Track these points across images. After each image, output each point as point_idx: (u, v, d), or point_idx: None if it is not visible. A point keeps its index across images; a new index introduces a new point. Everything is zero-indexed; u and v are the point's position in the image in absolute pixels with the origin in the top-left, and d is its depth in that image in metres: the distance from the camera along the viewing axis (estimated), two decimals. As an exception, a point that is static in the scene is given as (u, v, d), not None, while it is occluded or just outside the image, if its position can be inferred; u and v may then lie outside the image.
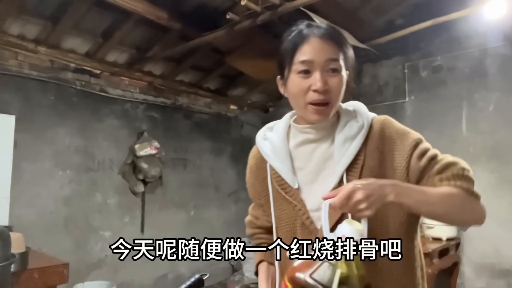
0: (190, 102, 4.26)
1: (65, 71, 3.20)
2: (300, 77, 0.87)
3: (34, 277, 1.87)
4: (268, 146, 1.02)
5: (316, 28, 0.89)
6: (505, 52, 3.20)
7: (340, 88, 0.88)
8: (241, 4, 2.50)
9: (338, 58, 0.87)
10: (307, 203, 0.93)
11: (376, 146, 0.90)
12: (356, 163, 0.89)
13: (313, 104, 0.87)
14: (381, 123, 0.92)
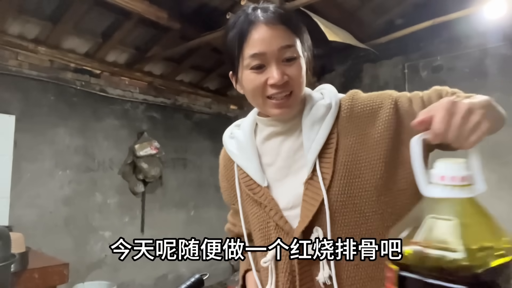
0: (190, 102, 4.26)
1: (65, 71, 3.20)
2: (253, 73, 0.77)
3: (34, 277, 1.87)
4: (234, 144, 0.93)
5: (263, 12, 0.77)
6: (505, 52, 3.20)
7: (300, 76, 0.78)
8: (241, 4, 2.50)
9: (293, 44, 0.76)
10: (279, 202, 0.83)
11: (349, 123, 0.80)
12: (329, 146, 0.79)
13: (273, 98, 0.78)
14: (349, 98, 0.82)
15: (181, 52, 3.48)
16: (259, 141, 0.90)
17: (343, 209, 0.76)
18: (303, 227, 0.76)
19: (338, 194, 0.76)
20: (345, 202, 0.76)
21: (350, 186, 0.76)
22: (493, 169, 3.16)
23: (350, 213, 0.76)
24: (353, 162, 0.77)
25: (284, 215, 0.81)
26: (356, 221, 0.75)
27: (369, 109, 0.80)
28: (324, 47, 3.88)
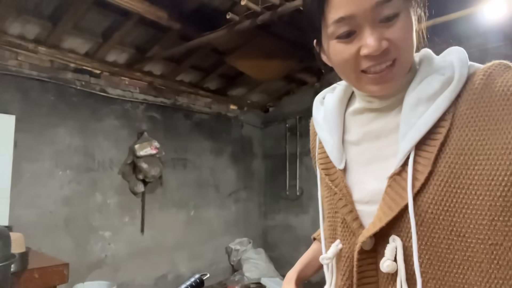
0: (190, 102, 4.26)
1: (65, 71, 3.20)
2: (341, 43, 0.59)
3: (34, 277, 1.87)
4: (322, 113, 0.77)
5: None
6: (506, 52, 3.20)
7: (406, 37, 0.58)
8: (241, 4, 2.50)
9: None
10: (354, 191, 0.66)
11: (477, 107, 0.57)
12: (434, 137, 0.58)
13: (369, 72, 0.60)
14: (487, 70, 0.60)
15: (181, 52, 3.48)
16: (349, 113, 0.73)
17: (433, 224, 0.57)
18: (373, 231, 0.60)
19: (430, 203, 0.57)
20: (438, 216, 0.56)
21: (451, 197, 0.56)
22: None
23: (442, 232, 0.56)
24: (465, 166, 0.56)
25: (356, 209, 0.65)
26: (450, 244, 0.56)
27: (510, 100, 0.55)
28: (324, 47, 3.87)
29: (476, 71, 0.62)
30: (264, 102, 5.00)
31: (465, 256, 0.55)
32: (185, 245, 4.04)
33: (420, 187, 0.57)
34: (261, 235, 4.93)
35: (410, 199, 0.57)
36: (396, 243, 0.59)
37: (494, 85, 0.57)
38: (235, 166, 4.69)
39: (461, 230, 0.55)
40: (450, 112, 0.58)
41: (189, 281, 0.97)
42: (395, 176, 0.60)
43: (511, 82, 0.57)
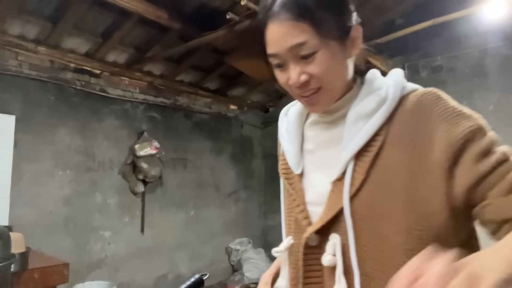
0: (190, 102, 4.26)
1: (65, 71, 3.20)
2: (277, 71, 0.72)
3: (34, 277, 1.87)
4: (285, 124, 0.86)
5: (271, 7, 0.68)
6: (505, 52, 3.20)
7: (325, 70, 0.67)
8: (241, 4, 2.50)
9: (304, 41, 0.65)
10: (307, 193, 0.75)
11: (406, 127, 0.66)
12: (369, 149, 0.67)
13: (302, 96, 0.71)
14: (420, 96, 0.68)
15: (181, 52, 3.48)
16: (307, 124, 0.82)
17: (363, 226, 0.66)
18: (315, 228, 0.69)
19: (361, 207, 0.66)
20: (367, 220, 0.65)
21: (378, 203, 0.65)
22: (493, 169, 3.16)
23: (370, 234, 0.65)
24: (391, 178, 0.65)
25: (308, 209, 0.74)
26: (376, 245, 0.65)
27: (435, 123, 0.64)
28: (324, 47, 3.87)
29: (410, 95, 0.69)
30: (264, 102, 5.00)
31: (388, 257, 0.63)
32: (185, 245, 4.04)
33: (354, 192, 0.67)
34: (261, 235, 4.93)
35: (346, 202, 0.66)
36: (335, 240, 0.68)
37: (424, 109, 0.66)
38: (235, 166, 4.69)
39: (384, 234, 0.64)
40: (385, 128, 0.67)
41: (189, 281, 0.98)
42: (336, 182, 0.70)
43: (436, 111, 0.65)
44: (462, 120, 0.64)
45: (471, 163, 0.61)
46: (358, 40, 0.71)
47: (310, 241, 0.71)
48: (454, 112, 0.65)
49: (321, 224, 0.69)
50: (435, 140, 0.63)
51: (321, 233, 0.70)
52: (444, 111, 0.65)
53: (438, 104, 0.66)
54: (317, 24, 0.65)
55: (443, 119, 0.64)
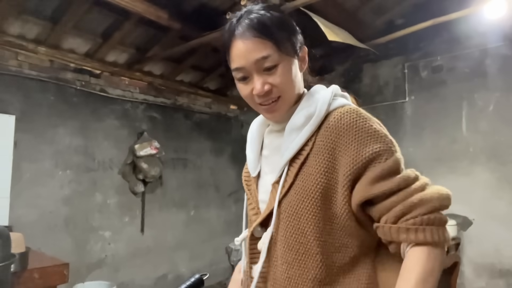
0: (190, 102, 4.26)
1: (65, 71, 3.20)
2: (240, 84, 0.82)
3: (34, 277, 1.87)
4: (250, 133, 0.99)
5: (238, 25, 0.80)
6: (505, 52, 3.20)
7: (284, 81, 0.79)
8: (241, 4, 2.50)
9: (268, 55, 0.76)
10: (259, 193, 0.89)
11: (327, 141, 0.77)
12: (299, 157, 0.79)
13: (262, 104, 0.82)
14: (341, 114, 0.78)
15: (181, 52, 3.48)
16: (266, 133, 0.94)
17: (288, 222, 0.79)
18: (257, 223, 0.84)
19: (287, 206, 0.79)
20: (291, 217, 0.79)
21: (299, 203, 0.77)
22: (493, 169, 3.16)
23: (293, 229, 0.78)
24: (310, 183, 0.77)
25: (259, 206, 0.87)
26: (296, 238, 0.78)
27: (348, 141, 0.75)
28: (324, 47, 3.88)
29: (335, 111, 0.80)
30: (264, 102, 5.00)
31: (306, 248, 0.77)
32: (185, 245, 4.04)
33: (284, 193, 0.80)
34: (261, 235, 4.92)
35: (276, 201, 0.80)
36: (268, 232, 0.81)
37: (341, 127, 0.77)
38: (235, 166, 4.69)
39: (303, 229, 0.77)
40: (312, 139, 0.79)
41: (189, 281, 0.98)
42: (275, 184, 0.83)
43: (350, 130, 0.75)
44: (372, 142, 0.74)
45: (367, 183, 0.73)
46: (306, 58, 0.86)
47: (256, 232, 0.85)
48: (366, 133, 0.75)
49: (261, 219, 0.83)
50: (346, 155, 0.75)
51: (265, 226, 0.84)
52: (358, 130, 0.75)
53: (356, 123, 0.76)
54: (277, 41, 0.77)
55: (355, 137, 0.75)
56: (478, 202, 3.20)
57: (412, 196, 0.71)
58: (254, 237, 0.86)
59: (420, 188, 0.72)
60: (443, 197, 0.72)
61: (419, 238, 0.69)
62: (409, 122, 3.69)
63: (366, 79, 4.05)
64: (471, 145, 3.28)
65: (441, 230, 0.70)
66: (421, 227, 0.69)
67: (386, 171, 0.72)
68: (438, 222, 0.70)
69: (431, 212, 0.70)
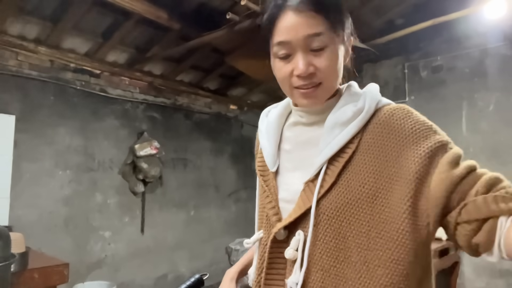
0: (190, 102, 4.26)
1: (65, 71, 3.20)
2: (281, 62, 0.74)
3: (34, 277, 1.87)
4: (265, 123, 0.91)
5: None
6: (505, 52, 3.20)
7: (330, 67, 0.72)
8: (241, 4, 2.50)
9: (320, 32, 0.69)
10: (280, 191, 0.80)
11: (377, 138, 0.71)
12: (342, 155, 0.72)
13: (300, 88, 0.74)
14: (392, 110, 0.73)
15: (181, 52, 3.48)
16: (286, 126, 0.87)
17: (327, 225, 0.72)
18: (283, 224, 0.75)
19: (327, 208, 0.72)
20: (331, 220, 0.71)
21: (343, 206, 0.71)
22: (493, 169, 3.15)
23: (332, 233, 0.71)
24: (358, 184, 0.70)
25: (279, 206, 0.79)
26: (336, 244, 0.71)
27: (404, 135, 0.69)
28: (324, 47, 3.87)
29: (384, 108, 0.75)
30: (264, 102, 5.00)
31: (346, 255, 0.70)
32: (185, 245, 4.04)
33: (324, 193, 0.72)
34: (261, 235, 4.92)
35: (314, 202, 0.72)
36: (300, 237, 0.73)
37: (394, 122, 0.71)
38: (235, 166, 4.69)
39: (345, 234, 0.70)
40: (358, 137, 0.73)
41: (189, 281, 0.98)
42: (309, 183, 0.75)
43: (405, 124, 0.70)
44: (431, 134, 0.70)
45: (445, 170, 0.65)
46: (350, 50, 0.80)
47: (278, 235, 0.76)
48: (423, 126, 0.70)
49: (289, 221, 0.74)
50: (404, 153, 0.69)
51: (289, 229, 0.75)
52: (414, 125, 0.70)
53: (409, 118, 0.71)
54: (332, 20, 0.70)
55: (413, 132, 0.70)
56: (478, 202, 3.20)
57: (488, 173, 0.66)
58: (276, 240, 0.77)
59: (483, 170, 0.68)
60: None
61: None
62: (409, 122, 3.69)
63: (366, 79, 4.05)
64: (471, 145, 3.28)
65: None
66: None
67: (458, 157, 0.68)
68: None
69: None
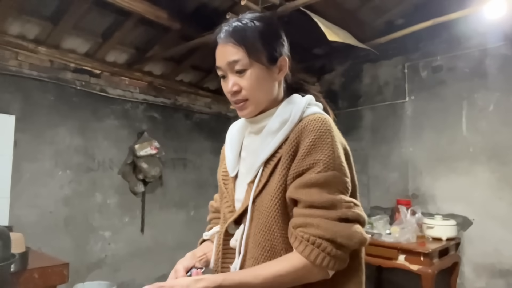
0: (190, 102, 4.26)
1: (65, 71, 3.20)
2: (222, 81, 0.93)
3: (34, 277, 1.87)
4: (229, 136, 1.07)
5: (220, 32, 0.91)
6: (505, 52, 3.20)
7: (250, 85, 0.87)
8: (241, 4, 2.49)
9: (238, 59, 0.86)
10: (236, 192, 0.96)
11: (294, 144, 0.85)
12: (273, 159, 0.87)
13: (235, 103, 0.92)
14: (309, 120, 0.85)
15: (181, 52, 3.48)
16: (246, 135, 1.02)
17: (257, 219, 0.86)
18: (231, 220, 0.92)
19: (259, 205, 0.86)
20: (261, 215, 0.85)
21: (269, 202, 0.84)
22: (493, 169, 3.16)
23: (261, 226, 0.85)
24: (279, 183, 0.84)
25: (235, 205, 0.94)
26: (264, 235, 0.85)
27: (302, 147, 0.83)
28: (324, 47, 3.88)
29: (305, 118, 0.86)
30: (264, 102, 5.00)
31: (272, 245, 0.83)
32: (185, 245, 4.03)
33: (258, 192, 0.87)
34: (261, 235, 4.92)
35: (250, 200, 0.87)
36: (241, 230, 0.89)
37: (303, 133, 0.84)
38: (235, 166, 4.69)
39: (270, 226, 0.84)
40: (286, 143, 0.86)
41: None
42: (250, 184, 0.90)
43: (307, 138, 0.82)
44: (319, 151, 0.81)
45: (295, 185, 0.81)
46: (284, 68, 0.92)
47: (230, 229, 0.93)
48: (321, 142, 0.81)
49: (235, 216, 0.91)
50: (297, 157, 0.83)
51: (238, 223, 0.91)
52: (316, 138, 0.82)
53: (317, 131, 0.82)
54: (249, 49, 0.86)
55: (311, 143, 0.82)
56: (478, 202, 3.20)
57: (316, 218, 0.78)
58: (228, 233, 0.93)
59: (336, 217, 0.77)
60: (351, 236, 0.77)
61: (299, 249, 0.78)
62: (409, 122, 3.69)
63: (366, 79, 4.05)
64: (471, 145, 3.28)
65: (323, 257, 0.76)
66: (305, 242, 0.77)
67: (313, 181, 0.79)
68: (324, 249, 0.76)
69: (322, 238, 0.76)
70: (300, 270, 0.77)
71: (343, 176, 0.81)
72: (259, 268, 0.80)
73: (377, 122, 3.90)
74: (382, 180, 3.76)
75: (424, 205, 3.45)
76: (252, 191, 0.87)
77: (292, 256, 0.79)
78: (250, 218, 0.87)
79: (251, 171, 0.90)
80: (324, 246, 0.76)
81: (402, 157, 3.69)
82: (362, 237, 0.79)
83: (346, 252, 0.78)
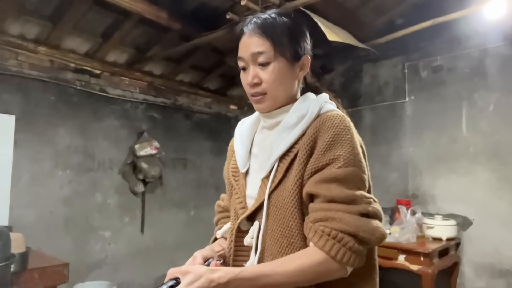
0: (190, 102, 4.26)
1: (65, 71, 3.20)
2: (242, 73, 0.93)
3: (34, 277, 1.87)
4: (239, 131, 1.07)
5: (248, 24, 0.91)
6: (505, 52, 3.20)
7: (272, 79, 0.87)
8: (241, 4, 2.49)
9: (263, 51, 0.86)
10: (248, 189, 0.94)
11: (311, 140, 0.84)
12: (289, 154, 0.86)
13: (253, 95, 0.91)
14: (328, 117, 0.84)
15: (181, 52, 3.48)
16: (257, 131, 1.02)
17: (275, 216, 0.84)
18: (244, 216, 0.89)
19: (276, 201, 0.84)
20: (278, 211, 0.84)
21: (287, 198, 0.83)
22: (493, 169, 3.16)
23: (279, 223, 0.84)
24: (299, 179, 0.83)
25: (246, 201, 0.92)
26: (282, 232, 0.83)
27: (320, 143, 0.82)
28: (324, 47, 3.88)
29: (323, 114, 0.86)
30: (264, 102, 5.00)
31: (290, 242, 0.82)
32: (185, 245, 4.04)
33: (274, 188, 0.85)
34: (261, 235, 4.92)
35: (266, 195, 0.85)
36: (256, 226, 0.86)
37: (321, 129, 0.83)
38: (235, 166, 4.69)
39: (288, 223, 0.82)
40: (302, 138, 0.85)
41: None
42: (264, 179, 0.88)
43: (326, 134, 0.82)
44: (339, 147, 0.80)
45: (315, 180, 0.80)
46: (305, 67, 0.93)
47: (242, 226, 0.90)
48: (341, 138, 0.81)
49: (249, 212, 0.88)
50: (315, 153, 0.82)
51: (251, 220, 0.89)
52: (335, 134, 0.81)
53: (336, 128, 0.82)
54: (275, 43, 0.86)
55: (330, 139, 0.81)
56: (478, 202, 3.20)
57: (338, 212, 0.76)
58: (240, 230, 0.90)
59: (357, 212, 0.76)
60: (373, 231, 0.75)
61: (319, 244, 0.76)
62: (409, 122, 3.69)
63: (366, 79, 4.05)
64: (471, 145, 3.28)
65: (344, 252, 0.74)
66: (325, 236, 0.75)
67: (333, 176, 0.78)
68: (345, 244, 0.74)
69: (344, 232, 0.74)
70: (319, 266, 0.74)
71: (362, 173, 0.80)
72: (277, 263, 0.77)
73: (377, 122, 3.90)
74: (382, 180, 3.76)
75: (424, 205, 3.45)
76: (268, 186, 0.85)
77: (311, 251, 0.76)
78: (266, 214, 0.85)
79: (265, 166, 0.88)
80: (346, 240, 0.74)
81: (402, 157, 3.69)
82: (383, 232, 0.77)
83: (365, 248, 0.77)
